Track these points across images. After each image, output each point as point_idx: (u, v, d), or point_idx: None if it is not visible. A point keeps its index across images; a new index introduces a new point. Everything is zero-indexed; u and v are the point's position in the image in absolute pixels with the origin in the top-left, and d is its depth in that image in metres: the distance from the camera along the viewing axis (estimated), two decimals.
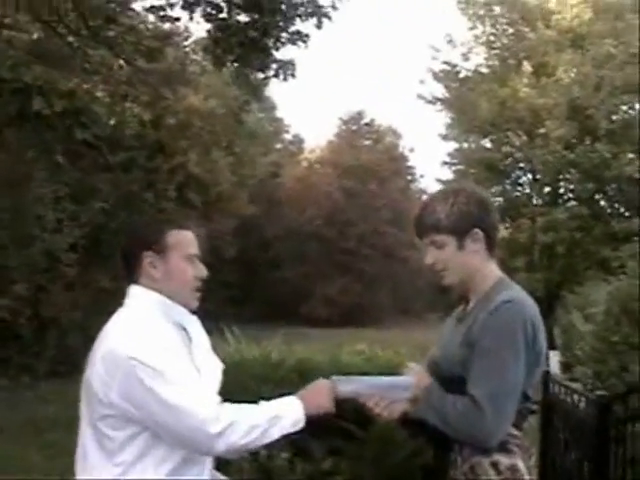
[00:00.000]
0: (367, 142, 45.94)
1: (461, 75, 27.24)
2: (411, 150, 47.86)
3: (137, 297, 2.71)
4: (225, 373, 4.18)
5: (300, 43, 12.20)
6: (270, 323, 33.64)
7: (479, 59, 27.45)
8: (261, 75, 13.47)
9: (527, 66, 25.20)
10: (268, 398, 4.01)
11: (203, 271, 2.79)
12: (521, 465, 2.61)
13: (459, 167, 27.90)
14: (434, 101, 27.44)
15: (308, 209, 41.97)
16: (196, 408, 2.47)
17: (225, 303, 37.60)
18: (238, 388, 3.87)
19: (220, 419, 2.47)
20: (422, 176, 49.75)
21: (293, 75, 12.90)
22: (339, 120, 46.38)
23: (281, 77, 12.88)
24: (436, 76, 27.16)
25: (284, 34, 12.05)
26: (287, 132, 50.54)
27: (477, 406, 2.54)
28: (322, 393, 2.69)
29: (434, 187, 47.47)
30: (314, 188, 42.54)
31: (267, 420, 2.56)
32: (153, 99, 13.84)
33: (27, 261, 15.08)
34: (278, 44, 12.17)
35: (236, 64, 12.50)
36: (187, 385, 2.51)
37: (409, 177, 47.99)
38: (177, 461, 2.56)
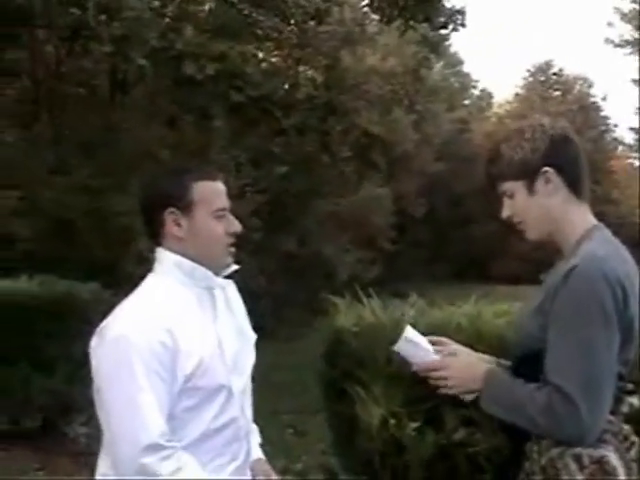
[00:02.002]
0: (556, 93, 44.54)
1: None
2: (604, 99, 45.75)
3: (161, 263, 2.41)
4: (357, 337, 3.98)
5: None
6: (462, 281, 33.35)
7: None
8: (440, 30, 13.23)
9: None
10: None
11: (236, 225, 2.45)
12: (613, 458, 2.13)
13: None
14: (623, 44, 25.98)
15: None
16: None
17: (416, 263, 37.55)
18: (368, 355, 3.63)
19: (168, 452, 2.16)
20: (616, 125, 47.71)
21: (463, 25, 12.60)
22: (526, 72, 45.44)
23: (450, 27, 12.52)
24: (625, 17, 25.67)
25: None
26: (474, 87, 50.00)
27: (567, 400, 2.07)
28: None
29: (629, 137, 45.69)
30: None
31: None
32: (331, 61, 13.82)
33: None
34: None
35: (401, 18, 12.22)
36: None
37: (602, 127, 45.98)
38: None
